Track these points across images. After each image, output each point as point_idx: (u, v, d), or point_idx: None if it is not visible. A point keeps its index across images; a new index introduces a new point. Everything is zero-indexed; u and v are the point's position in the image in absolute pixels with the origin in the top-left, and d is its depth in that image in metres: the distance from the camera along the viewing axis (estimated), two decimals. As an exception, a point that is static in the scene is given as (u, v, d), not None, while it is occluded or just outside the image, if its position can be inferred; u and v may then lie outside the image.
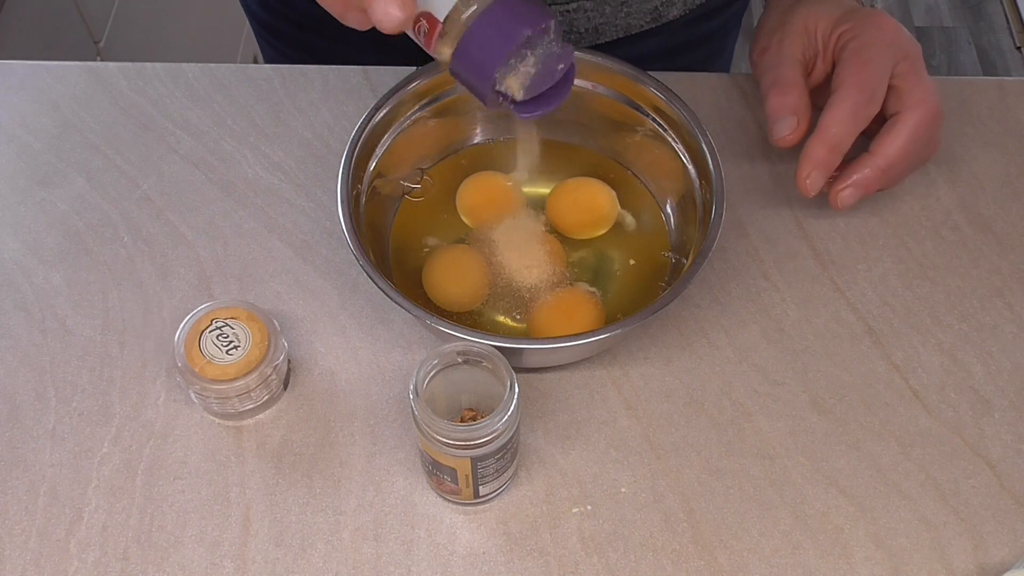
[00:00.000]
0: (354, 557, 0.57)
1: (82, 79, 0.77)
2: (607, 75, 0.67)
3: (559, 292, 0.64)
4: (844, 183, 0.65)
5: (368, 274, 0.59)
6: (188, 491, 0.60)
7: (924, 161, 0.67)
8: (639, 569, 0.57)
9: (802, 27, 0.67)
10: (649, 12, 0.78)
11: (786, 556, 0.57)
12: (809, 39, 0.67)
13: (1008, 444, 0.61)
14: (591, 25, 0.78)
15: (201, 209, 0.71)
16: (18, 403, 0.63)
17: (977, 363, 0.64)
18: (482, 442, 0.53)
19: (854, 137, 0.64)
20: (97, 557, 0.57)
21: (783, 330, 0.65)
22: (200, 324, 0.60)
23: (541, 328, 0.63)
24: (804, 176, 0.64)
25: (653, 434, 0.61)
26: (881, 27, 0.65)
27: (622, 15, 0.78)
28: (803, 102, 0.65)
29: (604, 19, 0.78)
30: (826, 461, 0.60)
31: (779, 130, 0.65)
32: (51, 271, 0.68)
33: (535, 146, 0.69)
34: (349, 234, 0.60)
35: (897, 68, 0.64)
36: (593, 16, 0.77)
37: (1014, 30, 2.18)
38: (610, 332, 0.58)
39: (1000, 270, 0.68)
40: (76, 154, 0.73)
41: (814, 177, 0.64)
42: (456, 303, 0.64)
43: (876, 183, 0.65)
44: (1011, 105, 0.76)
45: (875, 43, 0.64)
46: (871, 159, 0.64)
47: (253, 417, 0.62)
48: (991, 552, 0.58)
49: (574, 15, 0.77)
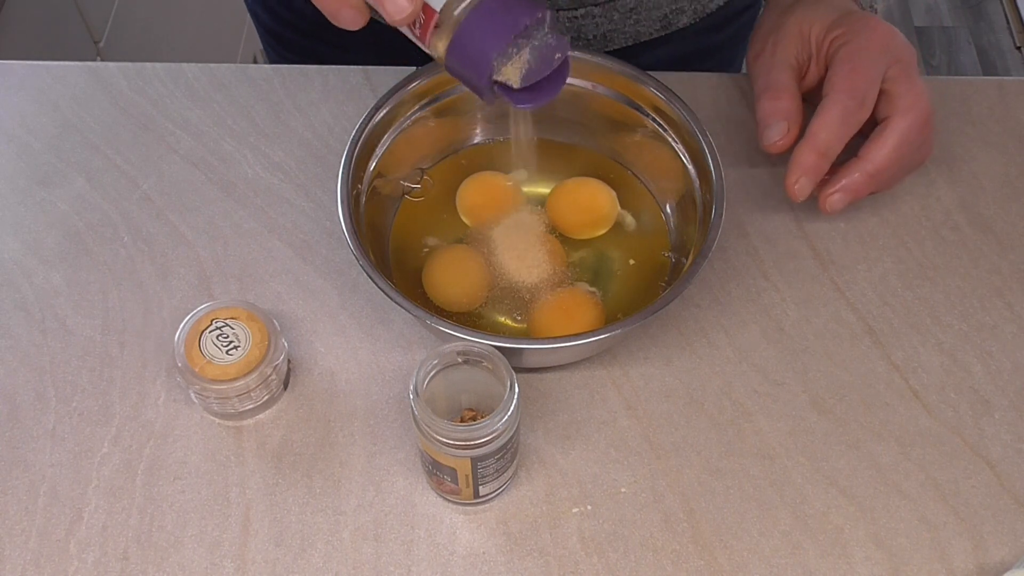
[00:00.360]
0: (354, 557, 0.57)
1: (82, 79, 0.77)
2: (607, 75, 0.67)
3: (559, 292, 0.64)
4: (833, 188, 0.65)
5: (368, 274, 0.59)
6: (188, 491, 0.60)
7: (917, 165, 0.67)
8: (639, 569, 0.57)
9: (796, 31, 0.67)
10: (659, 20, 0.78)
11: (786, 556, 0.57)
12: (803, 43, 0.67)
13: (1008, 444, 0.61)
14: (599, 32, 0.78)
15: (201, 209, 0.71)
16: (18, 403, 0.63)
17: (977, 363, 0.64)
18: (482, 442, 0.53)
19: (844, 142, 0.64)
20: (97, 557, 0.57)
21: (783, 330, 0.65)
22: (200, 324, 0.60)
23: (541, 328, 0.63)
24: (793, 182, 0.64)
25: (653, 434, 0.61)
26: (873, 32, 0.65)
27: (631, 22, 0.77)
28: (794, 107, 0.65)
29: (613, 26, 0.77)
30: (826, 461, 0.60)
31: (769, 136, 0.65)
32: (51, 271, 0.68)
33: (532, 148, 0.69)
34: (349, 234, 0.60)
35: (888, 72, 0.64)
36: (601, 22, 0.77)
37: (1014, 30, 2.18)
38: (610, 332, 0.58)
39: (1000, 270, 0.68)
40: (76, 154, 0.73)
41: (802, 183, 0.64)
42: (456, 303, 0.64)
43: (865, 188, 0.65)
44: (1011, 105, 0.76)
45: (867, 48, 0.64)
46: (860, 164, 0.64)
47: (253, 417, 0.62)
48: (991, 552, 0.58)
49: (582, 21, 0.77)
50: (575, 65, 0.67)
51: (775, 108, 0.65)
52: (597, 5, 0.76)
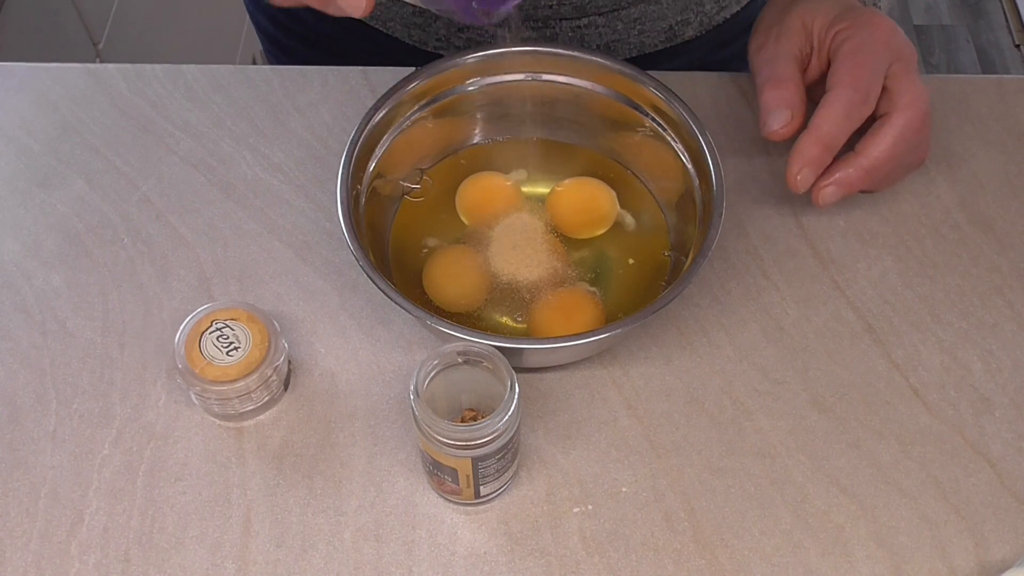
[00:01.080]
0: (355, 558, 0.57)
1: (81, 81, 0.77)
2: (607, 75, 0.67)
3: (559, 292, 0.64)
4: (827, 180, 0.64)
5: (368, 274, 0.59)
6: (189, 492, 0.60)
7: (914, 167, 0.67)
8: (640, 569, 0.57)
9: (799, 24, 0.67)
10: (663, 31, 0.78)
11: (787, 555, 0.57)
12: (806, 36, 0.67)
13: (1008, 442, 0.61)
14: (603, 42, 0.77)
15: (201, 210, 0.71)
16: (18, 405, 0.63)
17: (977, 361, 0.64)
18: (483, 442, 0.53)
19: (847, 136, 0.63)
20: (98, 559, 0.57)
21: (783, 329, 0.65)
22: (200, 325, 0.60)
23: (541, 328, 0.63)
24: (795, 172, 0.64)
25: (654, 433, 0.61)
26: (877, 28, 0.65)
27: (635, 32, 0.77)
28: (798, 97, 0.65)
29: (616, 36, 0.77)
30: (827, 460, 0.60)
31: (772, 122, 0.65)
32: (51, 273, 0.68)
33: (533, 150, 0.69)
34: (349, 235, 0.60)
35: (890, 69, 0.64)
36: (605, 32, 0.77)
37: (1013, 28, 2.18)
38: (610, 332, 0.58)
39: (1000, 268, 0.68)
40: (75, 156, 0.73)
41: (805, 174, 0.64)
42: (456, 303, 0.64)
43: (859, 183, 0.64)
44: (1010, 103, 0.76)
45: (871, 43, 0.64)
46: (856, 159, 0.64)
47: (254, 418, 0.62)
48: (992, 550, 0.58)
49: (585, 31, 0.76)
50: (575, 65, 0.68)
51: (779, 97, 0.65)
52: (601, 15, 0.76)
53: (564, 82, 0.68)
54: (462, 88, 0.68)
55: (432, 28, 0.78)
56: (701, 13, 0.79)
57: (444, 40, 0.79)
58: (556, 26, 0.76)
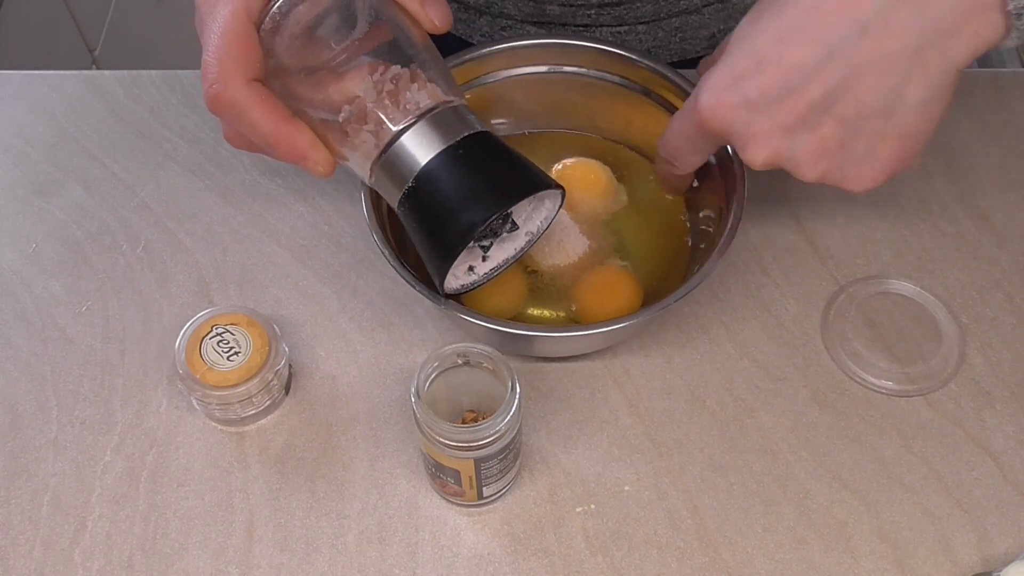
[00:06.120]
0: (359, 561, 0.57)
1: (78, 88, 0.77)
2: (607, 60, 0.67)
3: (594, 273, 0.64)
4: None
5: (384, 255, 0.57)
6: (191, 498, 0.60)
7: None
8: (644, 567, 0.57)
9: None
10: (706, 39, 0.78)
11: (791, 551, 0.57)
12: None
13: (1010, 435, 0.61)
14: (643, 48, 0.78)
15: (199, 216, 0.71)
16: (20, 413, 0.63)
17: (978, 354, 0.64)
18: (484, 443, 0.53)
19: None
20: (102, 566, 0.57)
21: (783, 325, 0.65)
22: (200, 331, 0.60)
23: (589, 313, 0.62)
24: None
25: (655, 432, 0.61)
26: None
27: (676, 40, 0.77)
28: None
29: (657, 43, 0.77)
30: (829, 456, 0.61)
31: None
32: (50, 280, 0.68)
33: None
34: (369, 215, 0.59)
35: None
36: (645, 39, 0.77)
37: (1009, 21, 2.18)
38: (613, 326, 0.58)
39: (999, 261, 0.68)
40: (73, 163, 0.73)
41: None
42: (501, 311, 0.62)
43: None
44: (1007, 97, 0.76)
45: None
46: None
47: (255, 423, 0.62)
48: (995, 544, 0.58)
49: (625, 37, 0.77)
50: (576, 53, 0.67)
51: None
52: (642, 24, 0.76)
53: (574, 71, 0.68)
54: (480, 81, 0.68)
55: (476, 24, 0.78)
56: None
57: (488, 36, 0.79)
58: (596, 31, 0.77)
